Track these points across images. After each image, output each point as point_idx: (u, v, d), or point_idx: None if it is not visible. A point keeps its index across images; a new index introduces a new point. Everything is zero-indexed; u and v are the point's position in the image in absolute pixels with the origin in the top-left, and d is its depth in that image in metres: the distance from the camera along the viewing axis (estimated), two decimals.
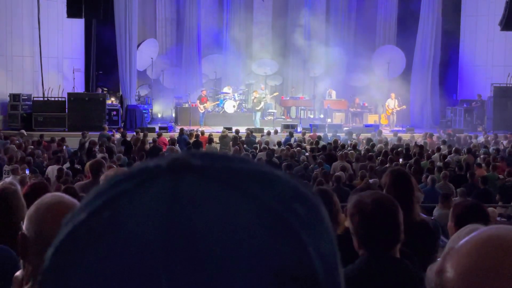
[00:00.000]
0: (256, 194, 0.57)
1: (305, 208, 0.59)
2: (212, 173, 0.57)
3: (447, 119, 27.49)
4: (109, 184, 0.59)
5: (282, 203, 0.57)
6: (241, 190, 0.56)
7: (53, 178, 12.99)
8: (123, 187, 0.57)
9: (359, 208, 2.86)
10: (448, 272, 1.07)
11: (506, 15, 24.97)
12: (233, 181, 0.57)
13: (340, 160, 15.42)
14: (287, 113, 28.25)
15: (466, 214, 3.82)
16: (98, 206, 0.57)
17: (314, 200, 0.61)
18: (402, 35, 28.96)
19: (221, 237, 0.53)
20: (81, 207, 0.59)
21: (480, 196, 11.42)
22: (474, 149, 18.17)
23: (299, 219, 0.58)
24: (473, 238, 1.09)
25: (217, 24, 29.55)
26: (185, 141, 19.63)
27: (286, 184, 0.60)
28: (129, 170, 0.60)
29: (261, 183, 0.58)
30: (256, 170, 0.59)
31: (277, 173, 0.60)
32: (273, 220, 0.56)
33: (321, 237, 0.59)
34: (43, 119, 23.14)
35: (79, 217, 0.58)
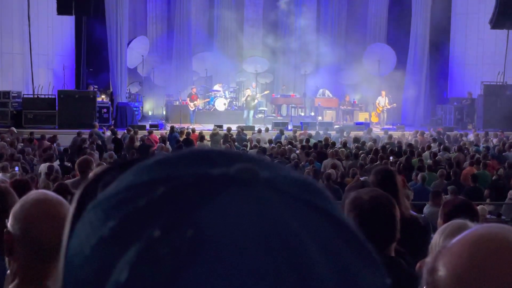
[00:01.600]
0: (329, 210, 0.54)
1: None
2: (282, 185, 0.53)
3: (438, 117, 27.57)
4: (170, 191, 0.51)
5: (345, 216, 0.56)
6: (316, 206, 0.53)
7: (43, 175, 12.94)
8: (192, 198, 0.51)
9: (356, 205, 2.85)
10: (440, 271, 1.07)
11: (496, 13, 25.07)
12: (303, 195, 0.54)
13: (331, 158, 15.44)
14: (278, 111, 28.26)
15: (455, 212, 3.82)
16: (175, 221, 0.50)
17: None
18: (393, 33, 29.03)
19: (321, 259, 0.50)
20: (139, 218, 0.51)
21: (470, 194, 11.45)
22: (465, 147, 18.23)
23: (359, 232, 0.56)
24: (465, 237, 1.09)
25: (207, 22, 29.52)
26: (176, 138, 19.60)
27: (328, 193, 0.57)
28: (185, 176, 0.52)
29: (322, 195, 0.56)
30: (309, 181, 0.56)
31: (319, 184, 0.58)
32: (351, 237, 0.54)
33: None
34: (33, 117, 23.04)
35: (150, 232, 0.49)
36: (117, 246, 0.50)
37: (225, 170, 0.53)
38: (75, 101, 23.36)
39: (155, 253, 0.48)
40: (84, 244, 0.52)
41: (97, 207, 0.54)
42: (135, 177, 0.54)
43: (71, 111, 23.04)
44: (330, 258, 0.51)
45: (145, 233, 0.49)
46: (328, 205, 0.55)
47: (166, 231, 0.49)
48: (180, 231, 0.49)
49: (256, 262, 0.48)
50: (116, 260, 0.49)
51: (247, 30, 29.85)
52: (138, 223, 0.50)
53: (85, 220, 0.54)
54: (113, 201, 0.53)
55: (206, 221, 0.49)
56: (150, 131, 20.56)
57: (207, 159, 0.55)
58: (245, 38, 29.79)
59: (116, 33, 25.91)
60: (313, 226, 0.52)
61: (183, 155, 0.56)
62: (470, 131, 24.02)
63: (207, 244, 0.48)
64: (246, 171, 0.53)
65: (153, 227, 0.49)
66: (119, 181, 0.55)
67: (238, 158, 0.55)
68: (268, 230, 0.50)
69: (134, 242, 0.49)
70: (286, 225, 0.50)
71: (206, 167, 0.53)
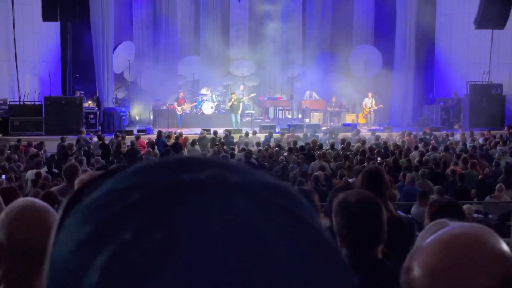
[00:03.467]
0: (298, 213, 0.55)
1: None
2: (252, 190, 0.55)
3: (424, 118, 27.69)
4: (143, 195, 0.53)
5: (316, 220, 0.57)
6: (285, 210, 0.55)
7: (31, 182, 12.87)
8: (164, 202, 0.52)
9: (343, 207, 2.86)
10: (415, 270, 1.09)
11: (480, 13, 25.22)
12: (273, 199, 0.55)
13: (319, 160, 15.47)
14: (265, 114, 28.28)
15: (442, 211, 3.84)
16: (146, 225, 0.51)
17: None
18: (379, 35, 29.13)
19: (289, 263, 0.52)
20: (113, 223, 0.53)
21: (457, 193, 11.51)
22: (451, 147, 18.31)
23: (331, 235, 0.57)
24: (438, 236, 1.11)
25: (194, 26, 29.50)
26: (163, 143, 19.56)
27: (301, 197, 0.59)
28: (160, 182, 0.54)
29: (292, 199, 0.57)
30: (280, 185, 0.58)
31: (290, 186, 0.60)
32: (319, 239, 0.55)
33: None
34: (19, 123, 22.92)
35: (121, 236, 0.51)
36: (91, 249, 0.52)
37: (196, 176, 0.55)
38: (62, 107, 23.26)
39: (126, 256, 0.50)
40: (64, 249, 0.55)
41: (78, 213, 0.56)
42: (113, 184, 0.56)
43: (57, 118, 22.93)
44: (298, 260, 0.52)
45: (118, 237, 0.51)
46: (298, 208, 0.56)
47: (137, 235, 0.51)
48: (151, 235, 0.51)
49: (225, 265, 0.50)
50: (90, 262, 0.51)
51: (233, 34, 29.87)
52: (112, 227, 0.52)
53: (66, 226, 0.57)
54: (91, 207, 0.55)
55: (176, 225, 0.51)
56: (137, 136, 20.50)
57: (180, 165, 0.57)
58: (231, 41, 29.80)
59: (102, 39, 25.84)
60: (281, 229, 0.53)
61: (158, 163, 0.58)
62: (456, 130, 24.14)
63: (177, 248, 0.50)
64: (216, 176, 0.55)
65: (125, 231, 0.51)
66: (100, 189, 0.57)
67: (210, 164, 0.57)
68: (236, 233, 0.51)
69: (107, 245, 0.51)
70: (254, 229, 0.52)
71: (179, 173, 0.55)
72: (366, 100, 26.87)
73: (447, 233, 1.12)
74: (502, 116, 25.93)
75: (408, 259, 1.13)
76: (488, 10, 24.87)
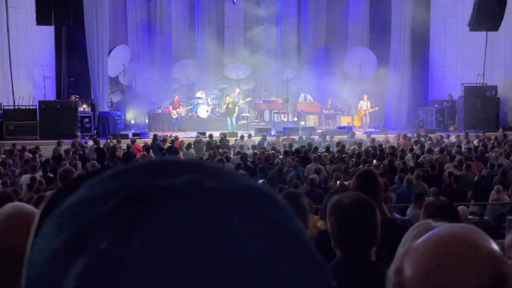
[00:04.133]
0: (274, 217, 0.55)
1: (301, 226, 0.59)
2: (227, 195, 0.55)
3: (419, 120, 27.74)
4: (118, 203, 0.53)
5: (294, 222, 0.57)
6: (261, 214, 0.55)
7: (25, 187, 12.84)
8: (139, 209, 0.52)
9: (337, 209, 2.86)
10: (407, 271, 1.09)
11: (474, 15, 25.29)
12: (249, 202, 0.55)
13: (314, 162, 15.47)
14: (261, 117, 28.28)
15: (437, 213, 3.85)
16: (122, 232, 0.51)
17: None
18: (374, 37, 29.17)
19: (263, 266, 0.52)
20: (88, 231, 0.52)
21: (452, 195, 11.52)
22: (446, 149, 18.33)
23: (310, 240, 0.57)
24: (429, 237, 1.11)
25: (188, 29, 29.50)
26: (159, 147, 19.55)
27: (280, 200, 0.59)
28: (134, 188, 0.54)
29: (270, 202, 0.57)
30: (258, 188, 0.58)
31: (268, 189, 0.59)
32: (296, 243, 0.55)
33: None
34: (14, 128, 22.87)
35: (97, 245, 0.51)
36: (66, 258, 0.51)
37: (171, 181, 0.54)
38: (57, 112, 23.23)
39: (101, 265, 0.50)
40: (40, 257, 0.54)
41: (54, 220, 0.56)
42: (89, 190, 0.56)
43: (52, 122, 22.89)
44: (275, 264, 0.52)
45: (93, 246, 0.51)
46: (275, 211, 0.56)
47: (112, 243, 0.50)
48: (126, 243, 0.50)
49: (200, 271, 0.50)
50: (66, 271, 0.51)
51: (228, 37, 29.88)
52: (87, 235, 0.52)
53: (43, 232, 0.56)
54: (67, 214, 0.55)
55: (151, 233, 0.51)
56: (133, 140, 20.48)
57: (157, 170, 0.56)
58: (226, 44, 29.81)
59: (97, 42, 25.83)
60: (257, 233, 0.53)
61: (135, 167, 0.58)
62: (451, 132, 24.18)
63: (152, 256, 0.50)
64: (192, 182, 0.55)
65: (100, 240, 0.51)
66: (76, 194, 0.56)
67: (186, 168, 0.57)
68: (212, 240, 0.51)
69: (82, 254, 0.51)
70: (230, 234, 0.52)
71: (155, 179, 0.55)
72: (361, 102, 26.91)
73: (437, 233, 1.12)
74: (496, 118, 25.98)
75: (399, 259, 1.14)
76: (482, 12, 24.94)
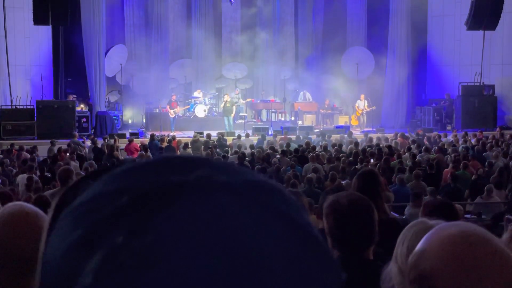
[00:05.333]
0: (285, 211, 0.56)
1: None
2: (238, 189, 0.56)
3: (417, 119, 27.75)
4: (132, 198, 0.54)
5: (304, 218, 0.58)
6: (271, 208, 0.56)
7: (23, 187, 12.82)
8: (153, 205, 0.53)
9: (334, 208, 2.85)
10: (435, 278, 1.08)
11: (471, 14, 25.32)
12: (260, 197, 0.56)
13: (312, 162, 15.46)
14: (258, 116, 28.27)
15: (436, 212, 3.85)
16: (137, 227, 0.52)
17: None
18: (372, 36, 29.16)
19: (274, 261, 0.52)
20: (104, 226, 0.53)
21: (449, 194, 11.52)
22: (444, 148, 18.33)
23: (319, 234, 0.58)
24: (447, 238, 1.11)
25: (186, 28, 29.47)
26: (157, 146, 19.53)
27: (290, 195, 0.60)
28: (148, 184, 0.55)
29: (280, 197, 0.58)
30: (268, 183, 0.59)
31: (278, 184, 0.60)
32: (306, 236, 0.56)
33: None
34: (11, 128, 22.85)
35: (112, 239, 0.52)
36: (83, 252, 0.52)
37: (184, 177, 0.56)
38: (54, 111, 23.21)
39: (118, 259, 0.51)
40: (56, 251, 0.55)
41: (68, 216, 0.57)
42: (103, 186, 0.57)
43: (50, 121, 22.87)
44: (286, 258, 0.53)
45: (109, 240, 0.52)
46: (286, 206, 0.57)
47: (128, 238, 0.51)
48: (140, 238, 0.51)
49: (213, 265, 0.51)
50: (83, 266, 0.52)
51: (225, 36, 29.85)
52: (103, 230, 0.53)
53: (57, 228, 0.57)
54: (82, 210, 0.56)
55: (165, 227, 0.52)
56: (130, 140, 20.46)
57: (169, 166, 0.58)
58: (223, 44, 29.79)
59: (94, 42, 25.81)
60: (269, 227, 0.54)
61: (147, 164, 0.59)
62: (449, 132, 24.19)
63: (166, 249, 0.51)
64: (204, 177, 0.56)
65: (116, 234, 0.52)
66: (90, 190, 0.58)
67: (198, 164, 0.58)
68: (224, 233, 0.52)
69: (99, 248, 0.52)
70: (241, 228, 0.53)
71: (167, 175, 0.56)
72: (358, 102, 26.92)
73: (451, 232, 1.12)
74: (494, 116, 26.01)
75: (414, 265, 1.13)
76: (479, 11, 24.96)
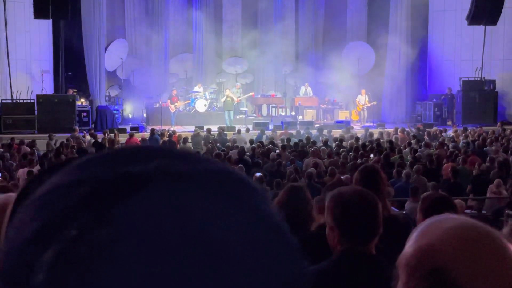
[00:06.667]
0: (246, 200, 0.55)
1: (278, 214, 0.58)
2: (198, 179, 0.54)
3: (417, 114, 27.74)
4: (89, 190, 0.52)
5: (266, 205, 0.57)
6: (233, 197, 0.55)
7: (23, 181, 12.84)
8: (110, 196, 0.52)
9: (340, 200, 2.84)
10: (455, 272, 1.10)
11: (472, 9, 25.27)
12: (220, 186, 0.55)
13: (312, 156, 15.47)
14: (258, 111, 28.25)
15: (434, 206, 3.85)
16: (93, 220, 0.50)
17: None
18: (373, 31, 29.13)
19: (236, 250, 0.52)
20: (59, 219, 0.51)
21: (450, 189, 11.52)
22: (445, 143, 18.32)
23: (286, 226, 0.57)
24: (453, 230, 1.12)
25: (186, 23, 29.45)
26: (157, 141, 19.54)
27: (252, 184, 0.59)
28: (105, 175, 0.54)
29: (241, 185, 0.57)
30: (229, 172, 0.58)
31: (241, 174, 0.59)
32: (268, 224, 0.55)
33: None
34: (12, 122, 22.87)
35: (66, 233, 0.50)
36: (37, 247, 0.51)
37: (143, 167, 0.54)
38: (54, 106, 23.22)
39: (72, 253, 0.49)
40: (12, 247, 0.53)
41: (25, 209, 0.55)
42: (61, 178, 0.56)
43: (50, 116, 22.89)
44: (247, 247, 0.52)
45: (63, 234, 0.50)
46: (248, 195, 0.56)
47: (83, 232, 0.50)
48: (96, 231, 0.50)
49: (172, 257, 0.49)
50: (36, 261, 0.50)
51: (226, 31, 29.83)
52: (58, 223, 0.51)
53: (15, 220, 0.56)
54: (37, 204, 0.54)
55: (122, 220, 0.50)
56: (131, 134, 20.46)
57: (128, 157, 0.57)
58: (224, 38, 29.77)
59: (94, 36, 25.81)
60: (230, 217, 0.53)
61: (107, 155, 0.58)
62: (449, 127, 24.19)
63: (123, 242, 0.49)
64: (163, 167, 0.54)
65: (70, 228, 0.50)
66: (49, 182, 0.56)
67: (158, 155, 0.56)
68: (183, 223, 0.51)
69: (53, 242, 0.50)
70: (201, 218, 0.52)
71: (126, 165, 0.55)
72: (359, 97, 26.91)
73: (459, 227, 1.13)
74: (494, 112, 26.00)
75: (420, 258, 1.14)
76: (480, 6, 24.92)
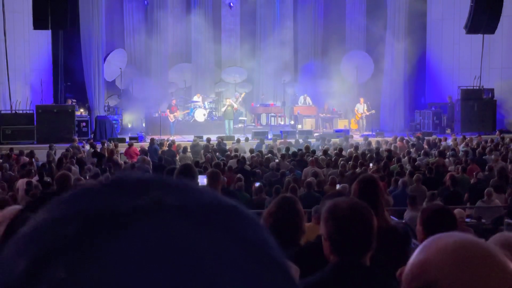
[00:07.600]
0: (240, 233, 0.55)
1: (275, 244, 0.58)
2: (191, 213, 0.54)
3: (416, 123, 27.77)
4: (76, 229, 0.51)
5: (261, 236, 0.56)
6: (225, 230, 0.54)
7: (22, 192, 12.82)
8: (100, 233, 0.50)
9: (333, 213, 2.84)
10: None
11: (471, 18, 25.32)
12: (214, 220, 0.54)
13: (311, 166, 15.46)
14: (258, 120, 28.27)
15: (434, 218, 3.85)
16: (81, 260, 0.49)
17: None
18: (371, 40, 29.18)
19: (229, 284, 0.50)
20: (45, 259, 0.49)
21: (449, 198, 11.51)
22: (444, 152, 18.32)
23: (283, 257, 0.57)
24: (449, 246, 1.13)
25: (185, 33, 29.50)
26: (156, 151, 19.54)
27: (247, 214, 0.58)
28: (93, 211, 0.52)
29: (235, 217, 0.56)
30: (222, 204, 0.57)
31: (235, 205, 0.58)
32: (265, 258, 0.54)
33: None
34: (11, 132, 22.86)
35: (53, 274, 0.48)
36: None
37: (134, 201, 0.53)
38: (54, 116, 23.22)
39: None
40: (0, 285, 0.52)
41: (11, 247, 0.53)
42: (48, 214, 0.54)
43: (49, 126, 22.88)
44: (241, 280, 0.51)
45: (50, 275, 0.48)
46: (241, 227, 0.55)
47: (71, 271, 0.48)
48: (85, 271, 0.48)
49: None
50: None
51: (225, 40, 29.88)
52: (44, 264, 0.49)
53: (2, 259, 0.53)
54: (24, 241, 0.53)
55: (112, 258, 0.49)
56: (130, 144, 20.46)
57: (119, 190, 0.55)
58: (223, 48, 29.82)
59: (93, 46, 25.84)
60: (223, 250, 0.52)
61: (97, 188, 0.56)
62: (448, 135, 24.20)
63: (113, 282, 0.48)
64: (154, 201, 0.53)
65: (58, 268, 0.48)
66: (35, 218, 0.54)
67: (150, 186, 0.56)
68: (176, 261, 0.50)
69: (40, 284, 0.48)
70: (194, 254, 0.51)
71: (117, 199, 0.54)
72: (358, 105, 26.94)
73: (455, 243, 1.14)
74: (493, 120, 26.03)
75: (415, 273, 1.15)
76: (478, 15, 24.97)
